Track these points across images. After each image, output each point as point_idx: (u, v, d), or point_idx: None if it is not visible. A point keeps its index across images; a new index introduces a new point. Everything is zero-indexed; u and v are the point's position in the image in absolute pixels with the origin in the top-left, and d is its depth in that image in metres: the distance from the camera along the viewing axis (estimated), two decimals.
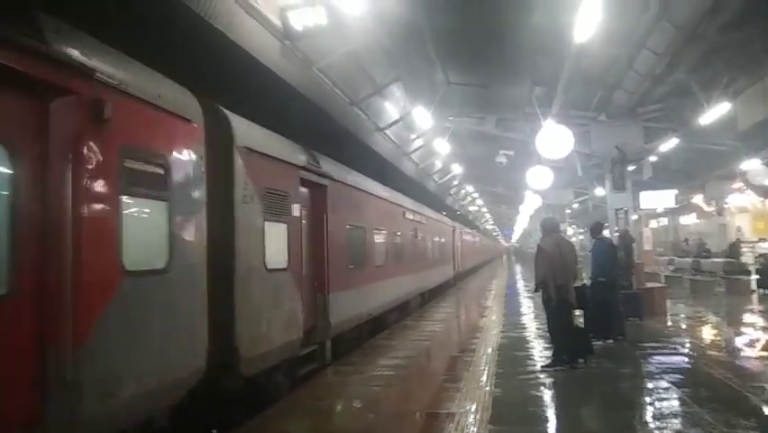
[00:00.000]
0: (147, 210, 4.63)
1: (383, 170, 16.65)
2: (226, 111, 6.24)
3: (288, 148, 7.83)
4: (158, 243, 4.64)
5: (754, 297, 16.71)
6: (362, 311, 10.62)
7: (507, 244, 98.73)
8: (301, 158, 8.05)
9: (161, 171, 4.71)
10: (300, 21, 8.27)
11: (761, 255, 20.44)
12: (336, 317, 8.83)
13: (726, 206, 28.85)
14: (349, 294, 9.65)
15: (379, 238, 12.53)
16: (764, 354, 8.97)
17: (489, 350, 9.52)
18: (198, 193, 5.28)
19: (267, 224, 6.73)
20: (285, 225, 7.30)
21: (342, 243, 9.64)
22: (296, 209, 7.69)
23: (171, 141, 4.93)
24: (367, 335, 11.29)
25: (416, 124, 16.66)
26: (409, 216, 16.13)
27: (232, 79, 8.51)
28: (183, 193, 5.01)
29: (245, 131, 6.52)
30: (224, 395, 5.97)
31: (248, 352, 5.95)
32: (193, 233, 5.12)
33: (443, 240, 23.05)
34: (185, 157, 5.07)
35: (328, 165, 9.29)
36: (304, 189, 8.24)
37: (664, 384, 6.90)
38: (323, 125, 11.92)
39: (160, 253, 4.60)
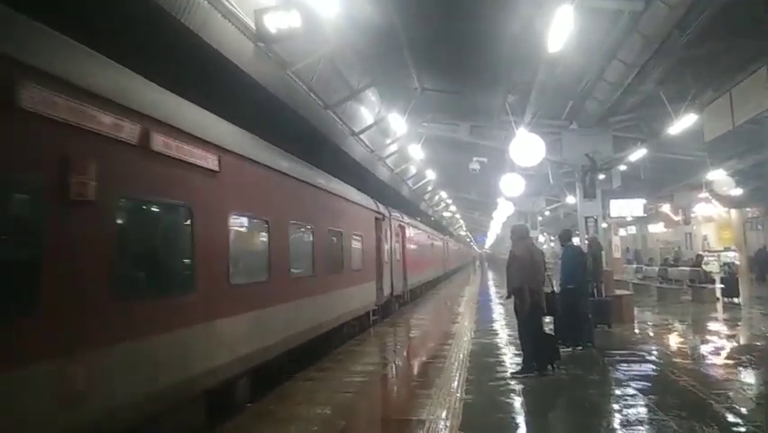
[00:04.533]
0: None
1: (358, 174, 16.63)
2: None
3: None
4: None
5: (719, 305, 17.09)
6: None
7: (479, 250, 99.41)
8: None
9: None
10: (274, 23, 8.22)
11: (725, 264, 20.96)
12: None
13: (692, 215, 29.52)
14: None
15: None
16: (728, 361, 9.15)
17: (461, 356, 9.54)
18: None
19: None
20: None
21: None
22: None
23: None
24: None
25: (390, 129, 16.70)
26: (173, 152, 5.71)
27: (204, 80, 8.42)
28: None
29: None
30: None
31: None
32: None
33: (351, 237, 12.37)
34: None
35: None
36: None
37: (631, 391, 6.99)
38: (296, 128, 11.86)
39: None
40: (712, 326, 13.22)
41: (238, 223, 7.14)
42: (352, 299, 12.20)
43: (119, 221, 4.81)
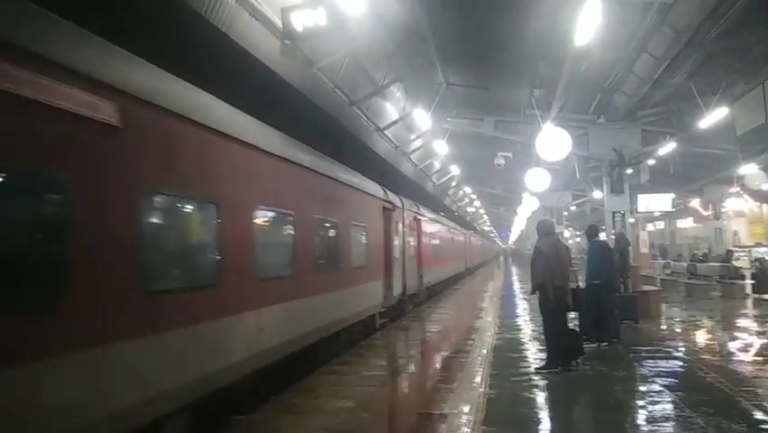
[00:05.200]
0: None
1: (383, 171, 16.71)
2: None
3: None
4: None
5: (749, 301, 16.77)
6: None
7: (503, 246, 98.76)
8: None
9: None
10: (301, 21, 8.32)
11: (756, 260, 20.50)
12: None
13: (723, 210, 28.90)
14: None
15: None
16: (757, 358, 9.02)
17: (484, 351, 9.57)
18: None
19: None
20: None
21: None
22: None
23: None
24: None
25: (415, 124, 16.71)
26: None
27: (233, 78, 8.57)
28: None
29: None
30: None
31: None
32: None
33: (350, 229, 10.50)
34: None
35: None
36: None
37: (657, 387, 6.94)
38: (323, 125, 11.97)
39: None
40: (741, 322, 13.00)
41: (160, 205, 5.17)
42: (352, 301, 10.44)
43: None
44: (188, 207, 5.76)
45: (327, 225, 9.46)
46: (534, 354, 9.21)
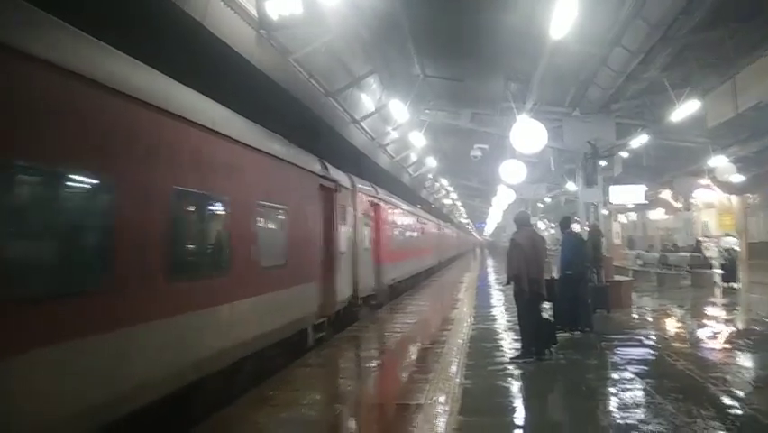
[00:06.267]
0: None
1: (358, 162, 16.65)
2: None
3: None
4: None
5: (718, 290, 17.17)
6: None
7: (479, 238, 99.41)
8: None
9: None
10: (276, 10, 8.22)
11: (725, 250, 20.97)
12: None
13: (693, 201, 29.46)
14: None
15: None
16: (725, 346, 9.24)
17: (460, 342, 9.63)
18: None
19: None
20: None
21: None
22: None
23: None
24: None
25: (391, 116, 16.67)
26: None
27: (206, 67, 8.43)
28: None
29: None
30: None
31: None
32: None
33: (255, 211, 7.33)
34: None
35: None
36: None
37: (629, 375, 7.07)
38: (298, 116, 11.86)
39: None
40: (710, 310, 13.31)
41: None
42: (256, 319, 7.19)
43: None
44: None
45: (206, 203, 6.36)
46: (509, 344, 9.30)
